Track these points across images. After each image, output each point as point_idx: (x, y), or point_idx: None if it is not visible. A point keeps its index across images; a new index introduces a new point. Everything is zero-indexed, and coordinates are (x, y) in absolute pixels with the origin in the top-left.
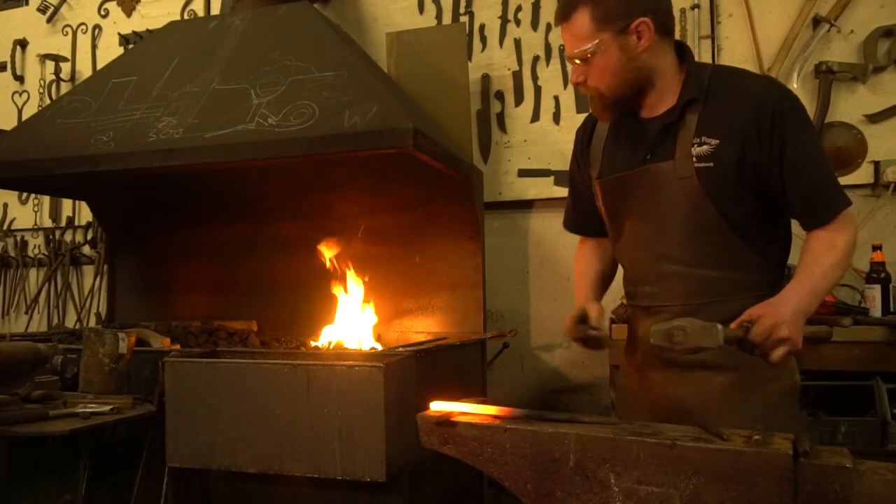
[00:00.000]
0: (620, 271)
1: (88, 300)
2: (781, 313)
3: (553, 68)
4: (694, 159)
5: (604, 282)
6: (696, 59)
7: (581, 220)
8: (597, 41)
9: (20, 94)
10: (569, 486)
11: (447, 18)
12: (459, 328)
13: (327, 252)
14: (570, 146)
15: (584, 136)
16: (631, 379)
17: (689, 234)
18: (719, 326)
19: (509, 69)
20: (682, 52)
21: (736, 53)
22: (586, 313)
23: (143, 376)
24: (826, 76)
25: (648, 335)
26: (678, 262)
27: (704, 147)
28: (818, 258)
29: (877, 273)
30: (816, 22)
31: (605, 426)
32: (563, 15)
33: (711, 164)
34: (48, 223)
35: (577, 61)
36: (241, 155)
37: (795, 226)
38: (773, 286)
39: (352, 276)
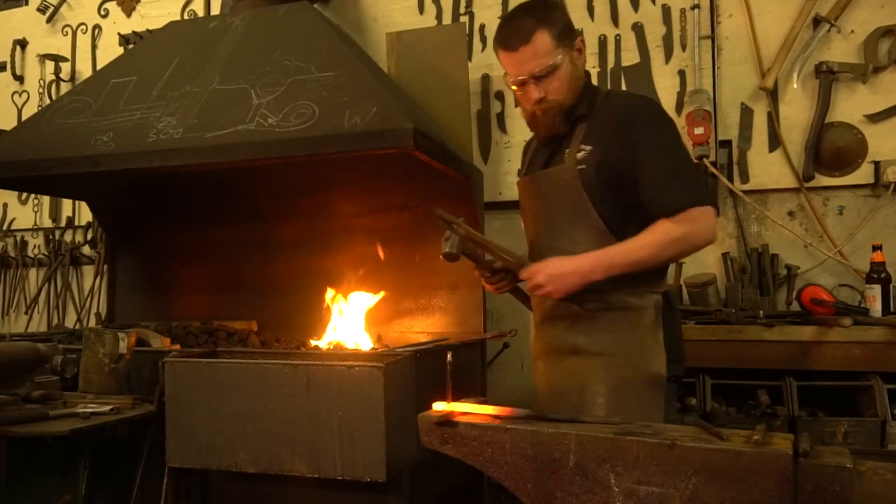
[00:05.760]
0: None
1: (88, 300)
2: (550, 267)
3: None
4: (577, 162)
5: None
6: (696, 59)
7: None
8: (559, 56)
9: (20, 94)
10: (569, 486)
11: (447, 18)
12: (459, 328)
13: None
14: None
15: (528, 144)
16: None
17: (569, 225)
18: (455, 238)
19: None
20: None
21: (736, 53)
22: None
23: (143, 376)
24: (826, 76)
25: (541, 323)
26: (560, 252)
27: (583, 152)
28: (637, 238)
29: (877, 273)
30: (816, 22)
31: (606, 426)
32: (523, 37)
33: (584, 166)
34: (48, 223)
35: (529, 81)
36: (242, 155)
37: None
38: (648, 276)
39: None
